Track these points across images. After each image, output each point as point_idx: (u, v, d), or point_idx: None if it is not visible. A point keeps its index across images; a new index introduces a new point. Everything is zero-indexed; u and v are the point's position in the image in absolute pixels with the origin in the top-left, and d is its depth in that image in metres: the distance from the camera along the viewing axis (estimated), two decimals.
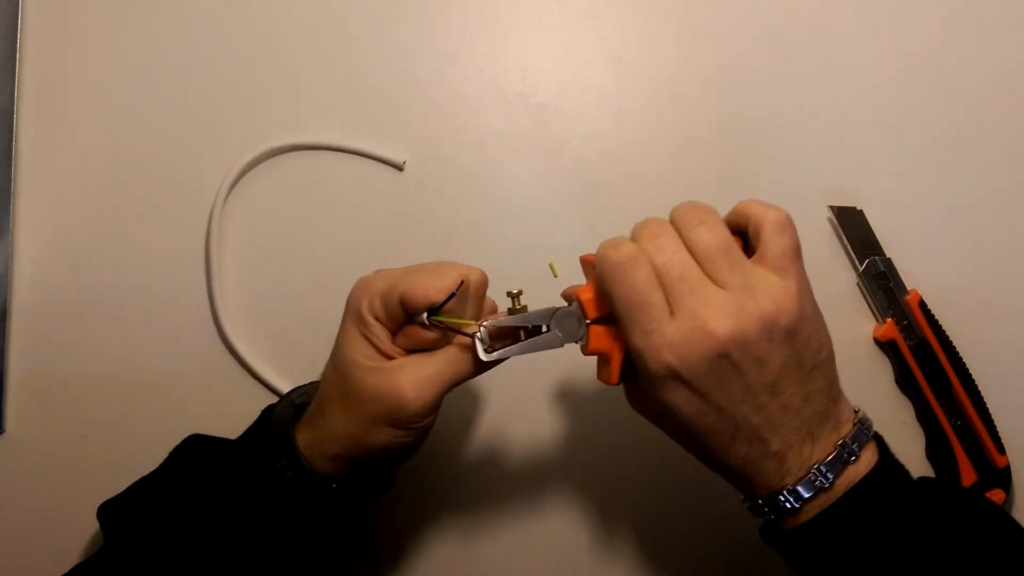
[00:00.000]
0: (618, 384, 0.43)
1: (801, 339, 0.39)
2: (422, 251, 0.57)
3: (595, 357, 0.44)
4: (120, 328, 0.56)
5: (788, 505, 0.39)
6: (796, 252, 0.40)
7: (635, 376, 0.41)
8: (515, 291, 0.43)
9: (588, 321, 0.42)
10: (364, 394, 0.42)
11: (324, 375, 0.45)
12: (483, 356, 0.42)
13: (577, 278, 0.45)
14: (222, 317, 0.55)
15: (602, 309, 0.42)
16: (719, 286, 0.38)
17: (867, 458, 0.40)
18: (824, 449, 0.39)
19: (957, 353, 0.56)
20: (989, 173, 0.58)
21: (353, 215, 0.57)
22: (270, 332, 0.56)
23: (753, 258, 0.40)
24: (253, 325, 0.56)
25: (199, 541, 0.43)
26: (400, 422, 0.42)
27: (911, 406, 0.57)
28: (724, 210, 0.58)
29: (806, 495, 0.39)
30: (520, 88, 0.58)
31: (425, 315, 0.41)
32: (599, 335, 0.42)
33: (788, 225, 0.40)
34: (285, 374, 0.56)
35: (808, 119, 0.59)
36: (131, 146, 0.57)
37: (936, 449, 0.56)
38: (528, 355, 0.42)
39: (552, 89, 0.58)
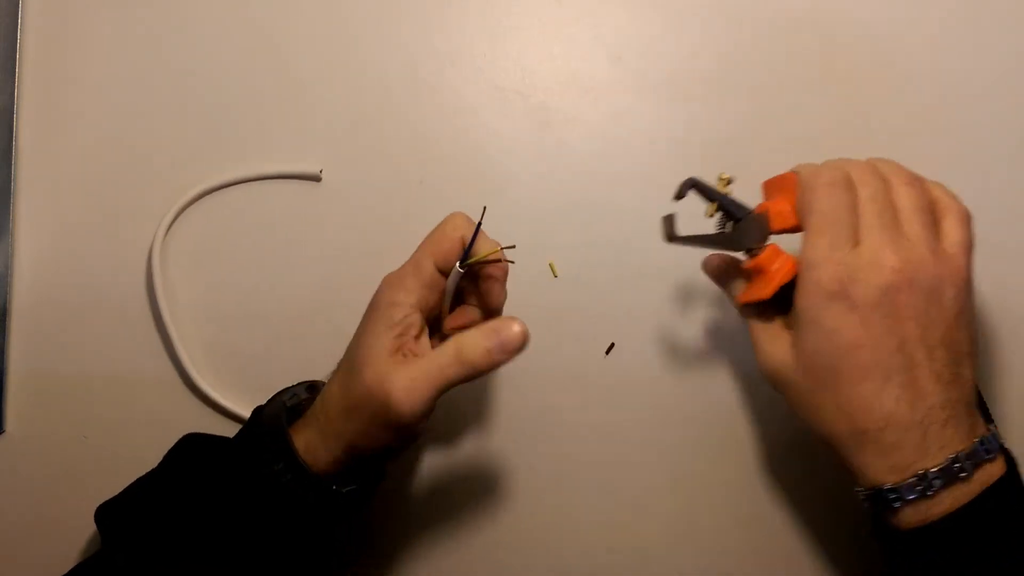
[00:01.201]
0: (770, 298, 0.44)
1: (964, 319, 0.40)
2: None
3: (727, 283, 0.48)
4: (120, 328, 0.56)
5: (924, 490, 0.38)
6: (971, 246, 0.42)
7: (774, 314, 0.44)
8: (727, 176, 0.47)
9: (772, 232, 0.45)
10: (362, 394, 0.42)
11: (331, 379, 0.45)
12: (666, 239, 0.46)
13: (577, 276, 0.45)
14: (176, 343, 0.55)
15: (785, 225, 0.44)
16: (907, 238, 0.40)
17: (998, 467, 0.39)
18: (962, 440, 0.39)
19: None
20: (989, 173, 0.58)
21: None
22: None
23: None
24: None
25: (197, 543, 0.43)
26: (390, 424, 0.42)
27: None
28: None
29: (940, 482, 0.38)
30: (520, 88, 0.58)
31: (458, 264, 0.43)
32: (773, 250, 0.45)
33: (969, 220, 0.42)
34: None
35: (808, 120, 0.59)
36: (131, 146, 0.57)
37: None
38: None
39: (552, 89, 0.58)
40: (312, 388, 0.49)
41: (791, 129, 0.58)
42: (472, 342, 0.41)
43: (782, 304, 0.44)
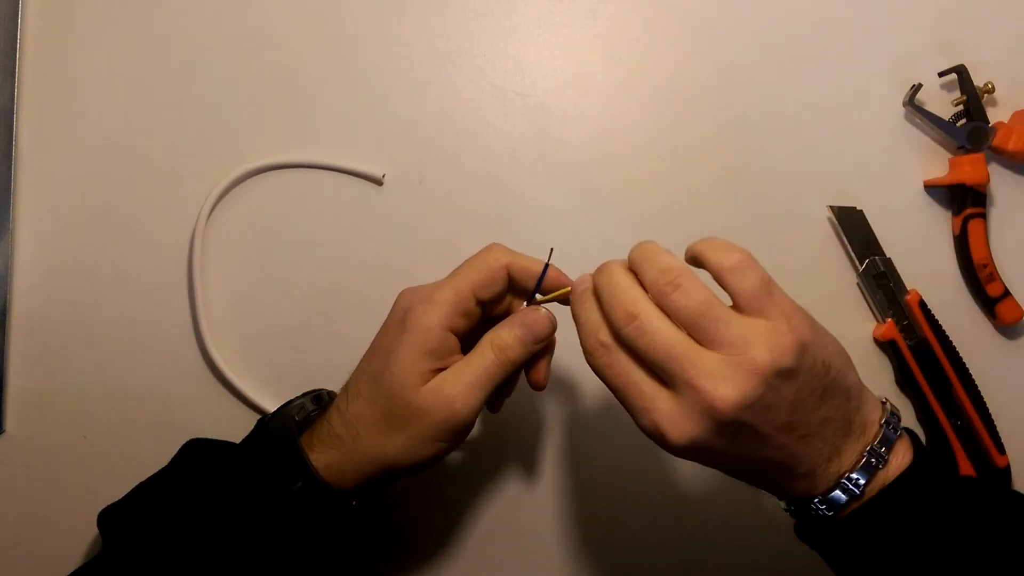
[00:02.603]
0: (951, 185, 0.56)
1: (804, 372, 0.37)
2: (420, 250, 0.57)
3: None
4: (120, 328, 0.56)
5: (821, 514, 0.39)
6: (767, 286, 0.38)
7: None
8: (992, 84, 0.56)
9: (991, 146, 0.56)
10: (413, 413, 0.42)
11: (351, 399, 0.44)
12: (905, 102, 0.56)
13: (577, 276, 0.45)
14: (205, 333, 0.55)
15: (1003, 144, 0.55)
16: (709, 348, 0.37)
17: (897, 462, 0.39)
18: (851, 458, 0.39)
19: (957, 353, 0.56)
20: None
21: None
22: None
23: (731, 307, 0.39)
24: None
25: (204, 554, 0.43)
26: (448, 433, 0.43)
27: (911, 406, 0.57)
28: (724, 210, 0.59)
29: (840, 502, 0.39)
30: (520, 88, 0.58)
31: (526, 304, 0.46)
32: (977, 158, 0.55)
33: (746, 264, 0.38)
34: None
35: (808, 119, 0.59)
36: (131, 146, 0.57)
37: (936, 449, 0.56)
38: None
39: (552, 89, 0.58)
40: (318, 399, 0.48)
41: (791, 130, 0.58)
42: (508, 340, 0.44)
43: None
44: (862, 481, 0.38)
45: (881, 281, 0.57)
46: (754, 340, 0.36)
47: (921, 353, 0.56)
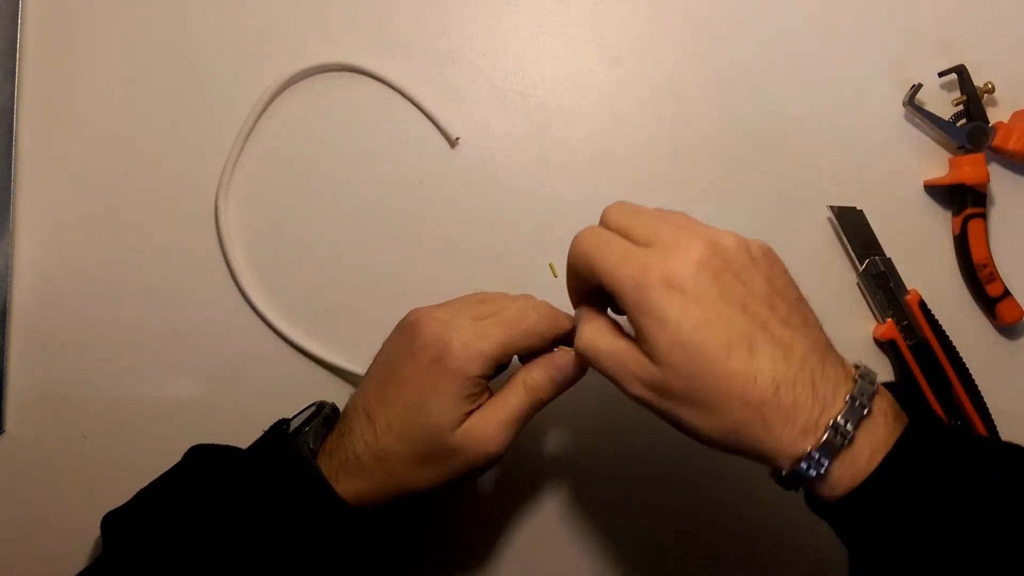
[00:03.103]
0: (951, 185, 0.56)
1: (777, 270, 0.40)
2: (419, 251, 0.57)
3: None
4: (121, 329, 0.56)
5: (813, 472, 0.35)
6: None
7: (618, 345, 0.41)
8: (992, 84, 0.56)
9: (992, 146, 0.56)
10: (449, 452, 0.43)
11: (384, 435, 0.44)
12: (905, 102, 0.56)
13: None
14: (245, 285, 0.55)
15: (1003, 144, 0.55)
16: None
17: (882, 407, 0.37)
18: (846, 376, 0.37)
19: (957, 353, 0.56)
20: None
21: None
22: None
23: None
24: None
25: (219, 569, 0.43)
26: (481, 467, 0.44)
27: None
28: (723, 210, 0.59)
29: (852, 425, 0.35)
30: (520, 88, 0.58)
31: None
32: (977, 158, 0.55)
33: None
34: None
35: (808, 119, 0.59)
36: (132, 146, 0.57)
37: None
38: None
39: (552, 89, 0.58)
40: (327, 421, 0.48)
41: (791, 130, 0.58)
42: (542, 381, 0.45)
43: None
44: (866, 399, 0.36)
45: (881, 281, 0.57)
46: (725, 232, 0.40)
47: (921, 353, 0.56)
